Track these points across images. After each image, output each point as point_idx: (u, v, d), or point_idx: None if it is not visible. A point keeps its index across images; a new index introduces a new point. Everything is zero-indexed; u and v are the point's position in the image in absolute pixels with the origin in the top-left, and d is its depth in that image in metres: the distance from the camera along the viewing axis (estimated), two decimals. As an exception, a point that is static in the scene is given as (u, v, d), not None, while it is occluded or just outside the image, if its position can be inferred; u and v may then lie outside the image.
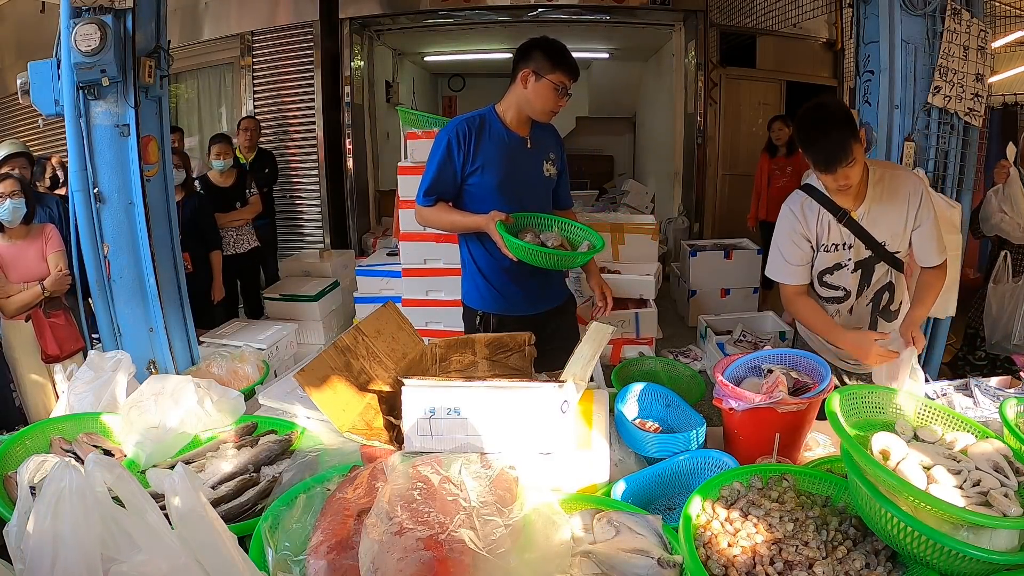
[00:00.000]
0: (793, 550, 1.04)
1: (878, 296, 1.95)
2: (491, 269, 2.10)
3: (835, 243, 1.88)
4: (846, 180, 1.72)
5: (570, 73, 1.98)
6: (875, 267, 1.90)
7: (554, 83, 1.97)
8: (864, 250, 1.87)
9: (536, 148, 2.10)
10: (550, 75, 1.96)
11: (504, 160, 2.03)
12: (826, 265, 1.91)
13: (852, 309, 1.96)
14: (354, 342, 1.53)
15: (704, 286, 4.88)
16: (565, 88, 1.99)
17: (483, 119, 2.06)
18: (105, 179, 2.25)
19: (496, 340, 1.73)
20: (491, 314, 2.14)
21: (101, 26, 2.12)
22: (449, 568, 0.94)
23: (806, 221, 1.89)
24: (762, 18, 5.90)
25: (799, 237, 1.90)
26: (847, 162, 1.68)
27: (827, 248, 1.89)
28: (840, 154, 1.67)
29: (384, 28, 6.12)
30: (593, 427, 1.39)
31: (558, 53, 1.98)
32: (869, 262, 1.89)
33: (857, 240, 1.86)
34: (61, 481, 0.91)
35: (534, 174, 2.11)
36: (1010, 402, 1.25)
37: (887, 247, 1.87)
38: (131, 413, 1.50)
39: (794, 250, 1.91)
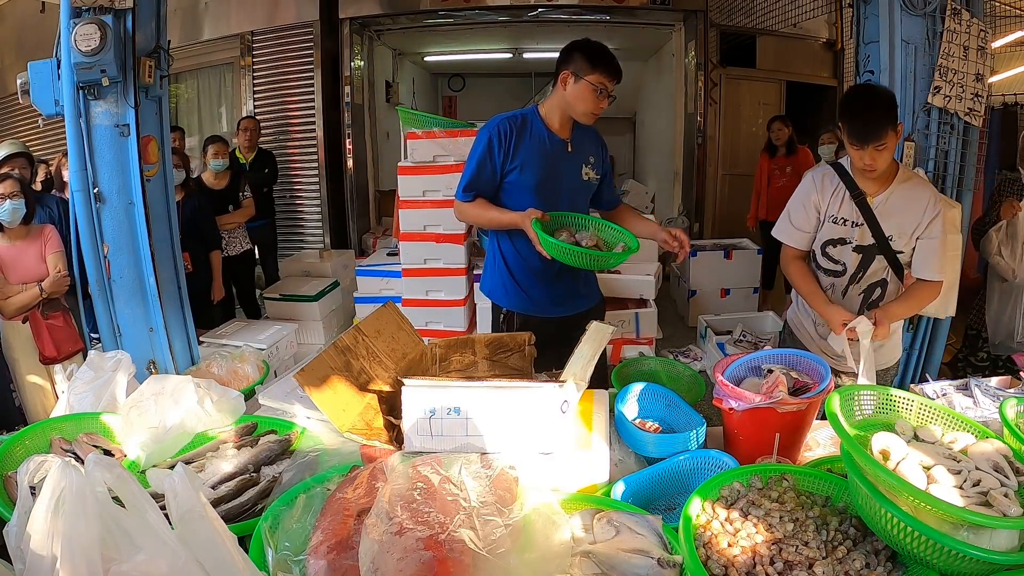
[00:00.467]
0: (793, 550, 1.04)
1: (871, 289, 1.99)
2: (519, 268, 2.12)
3: (844, 217, 1.94)
4: (872, 162, 1.80)
5: (609, 73, 1.96)
6: (875, 257, 1.94)
7: (593, 84, 1.96)
8: (869, 236, 1.92)
9: (576, 151, 2.10)
10: (589, 76, 1.95)
11: (542, 161, 2.04)
12: (830, 236, 1.98)
13: (845, 292, 2.01)
14: (354, 342, 1.53)
15: (704, 286, 4.88)
16: (605, 89, 1.97)
17: (525, 119, 2.07)
18: (105, 179, 2.25)
19: (496, 340, 1.73)
20: (515, 313, 2.16)
21: (101, 26, 2.12)
22: (449, 568, 0.94)
23: (822, 190, 1.97)
24: (762, 18, 5.90)
25: (810, 204, 1.99)
26: (879, 143, 1.76)
27: (834, 220, 1.96)
28: (875, 131, 1.75)
29: (384, 28, 6.12)
30: (593, 427, 1.39)
31: (597, 54, 1.97)
32: (871, 250, 1.93)
33: (865, 224, 1.91)
34: (61, 481, 0.91)
35: (572, 177, 2.10)
36: (1010, 402, 1.25)
37: (892, 242, 1.91)
38: (131, 413, 1.50)
39: (801, 214, 2.01)
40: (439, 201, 3.34)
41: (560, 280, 2.11)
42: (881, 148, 1.77)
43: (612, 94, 2.01)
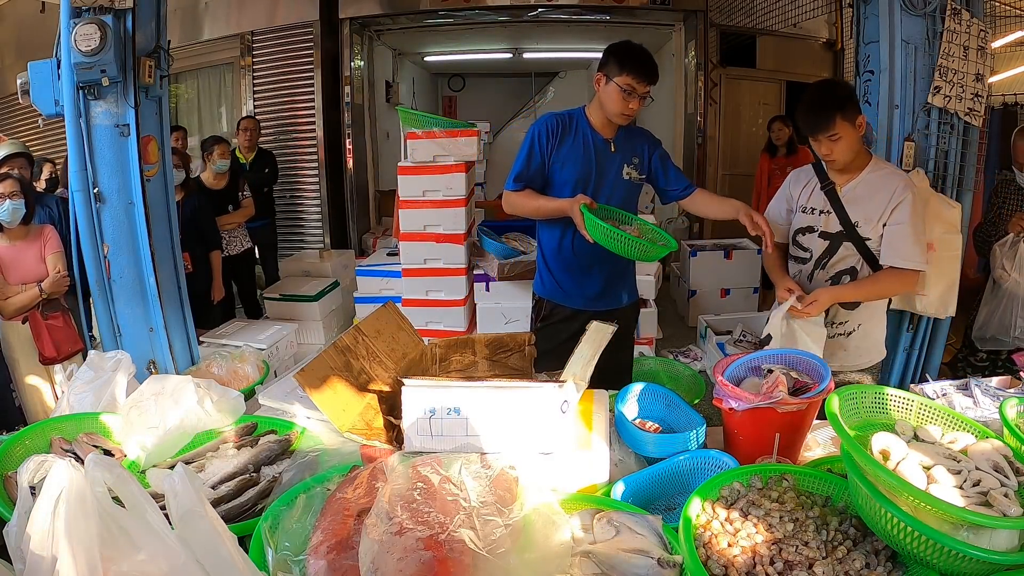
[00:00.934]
0: (793, 550, 1.04)
1: (839, 276, 2.01)
2: (553, 257, 2.21)
3: (813, 207, 2.02)
4: (829, 152, 1.87)
5: (637, 75, 2.00)
6: (841, 244, 1.98)
7: (620, 86, 2.00)
8: (836, 223, 1.97)
9: (619, 151, 2.15)
10: (617, 78, 2.00)
11: (584, 158, 2.11)
12: (800, 225, 2.07)
13: (811, 277, 2.05)
14: (354, 342, 1.53)
15: (704, 286, 4.88)
16: (633, 90, 2.01)
17: (572, 117, 2.15)
18: (105, 179, 2.25)
19: (496, 340, 1.73)
20: (545, 300, 2.26)
21: (101, 26, 2.12)
22: (449, 568, 0.94)
23: (796, 184, 2.09)
24: (762, 18, 5.90)
25: (784, 196, 2.12)
26: (829, 133, 1.83)
27: (804, 209, 2.05)
28: (820, 122, 1.83)
29: (384, 28, 6.12)
30: (593, 427, 1.39)
31: (626, 55, 2.02)
32: (837, 237, 1.98)
33: (832, 212, 1.97)
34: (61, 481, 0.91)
35: (613, 175, 2.15)
36: (1010, 402, 1.25)
37: (858, 229, 1.95)
38: (131, 413, 1.50)
39: (777, 206, 2.15)
40: (439, 201, 3.34)
41: (591, 274, 2.18)
42: (835, 138, 1.84)
43: (646, 95, 2.05)
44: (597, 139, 2.13)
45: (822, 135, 1.85)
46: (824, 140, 1.86)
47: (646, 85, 2.03)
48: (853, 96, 1.91)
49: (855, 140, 1.88)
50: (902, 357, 2.51)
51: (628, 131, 2.18)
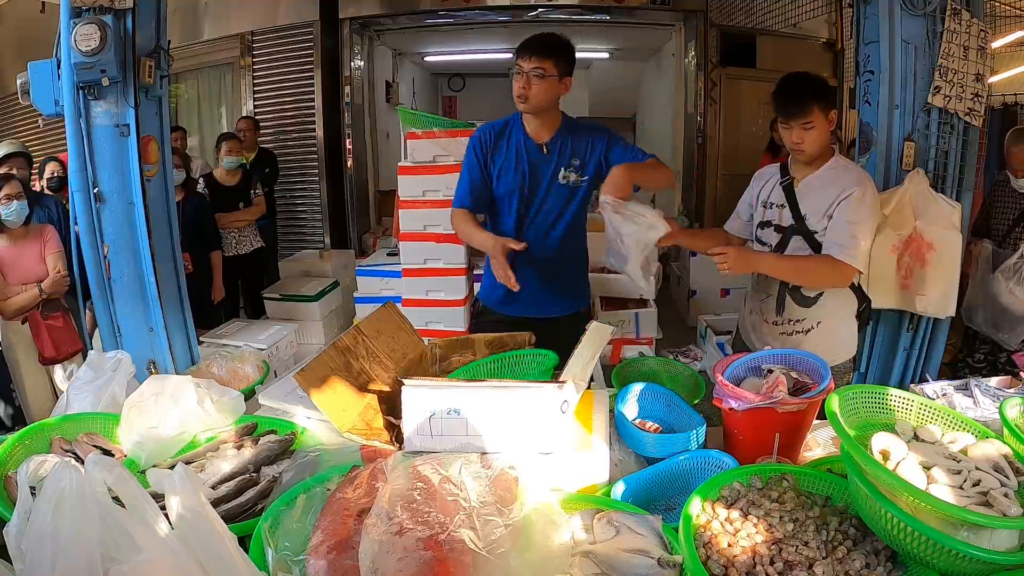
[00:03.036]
0: (793, 550, 1.04)
1: None
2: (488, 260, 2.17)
3: (772, 201, 2.04)
4: (799, 140, 1.87)
5: (517, 53, 1.97)
6: (791, 237, 1.98)
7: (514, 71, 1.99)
8: (789, 217, 1.98)
9: (555, 154, 2.07)
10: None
11: (516, 168, 2.05)
12: (761, 219, 2.09)
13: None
14: (354, 342, 1.53)
15: (704, 286, 4.89)
16: (520, 68, 1.98)
17: (507, 125, 2.10)
18: (105, 179, 2.25)
19: (496, 340, 1.73)
20: (480, 302, 2.26)
21: (101, 26, 2.12)
22: (449, 568, 0.94)
23: (759, 180, 2.13)
24: (762, 18, 5.90)
25: (748, 193, 2.17)
26: (804, 120, 1.83)
27: (764, 204, 2.08)
28: (797, 106, 1.83)
29: (384, 28, 6.11)
30: (593, 427, 1.39)
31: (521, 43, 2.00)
32: (788, 230, 1.99)
33: (787, 206, 1.98)
34: (61, 481, 0.91)
35: (547, 181, 2.08)
36: (1010, 402, 1.25)
37: (807, 222, 1.94)
38: (131, 413, 1.50)
39: (742, 201, 2.20)
40: (439, 201, 3.34)
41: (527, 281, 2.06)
42: (808, 127, 1.84)
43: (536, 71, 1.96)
44: (530, 145, 2.07)
45: (795, 122, 1.85)
46: (796, 127, 1.85)
47: (527, 59, 1.96)
48: (830, 89, 1.94)
49: (825, 132, 1.88)
50: (902, 357, 2.51)
51: (569, 131, 2.09)
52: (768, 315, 2.10)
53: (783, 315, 2.05)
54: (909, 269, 2.19)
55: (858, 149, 2.54)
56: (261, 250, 4.33)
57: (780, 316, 2.05)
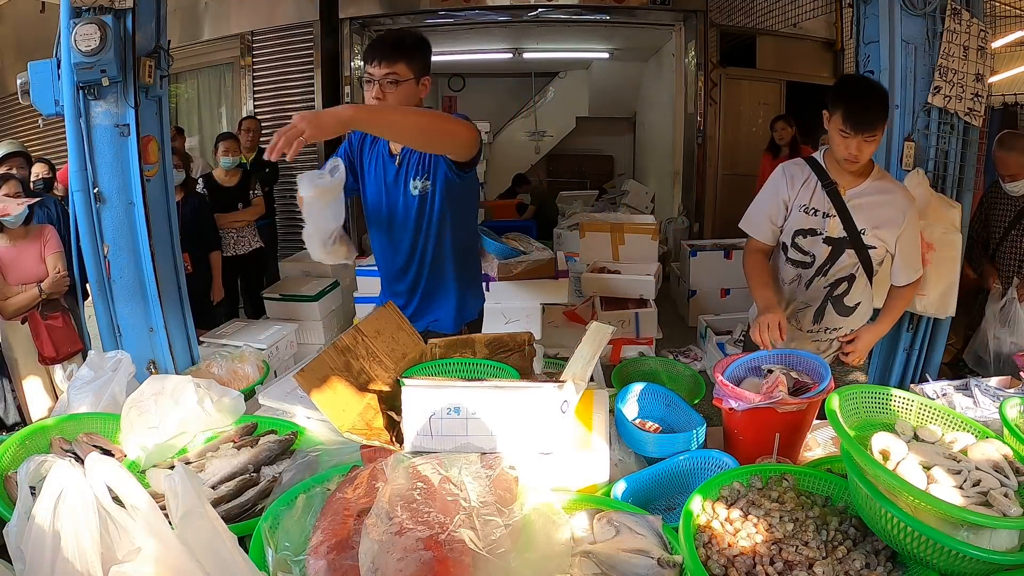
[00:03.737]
0: (793, 550, 1.04)
1: (837, 283, 1.96)
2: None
3: (815, 208, 1.92)
4: (858, 152, 1.77)
5: (368, 57, 1.77)
6: (845, 251, 1.92)
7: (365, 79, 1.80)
8: (840, 228, 1.90)
9: (404, 163, 1.89)
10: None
11: (375, 183, 1.92)
12: (801, 226, 1.94)
13: (810, 283, 1.98)
14: (354, 342, 1.53)
15: (704, 286, 4.88)
16: (371, 77, 1.77)
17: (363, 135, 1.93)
18: (105, 179, 2.25)
19: (496, 340, 1.73)
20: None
21: (101, 26, 2.12)
22: (449, 568, 0.94)
23: (791, 182, 1.95)
24: (762, 18, 5.90)
25: (778, 197, 1.96)
26: (871, 133, 1.75)
27: (805, 209, 1.93)
28: (872, 120, 1.74)
29: (384, 28, 6.11)
30: (593, 427, 1.39)
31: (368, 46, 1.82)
32: (841, 243, 1.91)
33: (837, 216, 1.89)
34: (61, 481, 0.91)
35: (399, 193, 1.91)
36: (1010, 402, 1.25)
37: (863, 236, 1.89)
38: (131, 413, 1.50)
39: (769, 206, 1.98)
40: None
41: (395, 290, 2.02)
42: (871, 140, 1.77)
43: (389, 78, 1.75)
44: (385, 155, 1.90)
45: (867, 134, 1.75)
46: (859, 140, 1.76)
47: (377, 66, 1.75)
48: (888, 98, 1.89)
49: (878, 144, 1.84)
50: (902, 357, 2.51)
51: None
52: (803, 323, 2.02)
53: (820, 323, 2.00)
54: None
55: (858, 149, 2.54)
56: (260, 250, 4.33)
57: (817, 325, 2.00)
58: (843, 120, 1.76)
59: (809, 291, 1.98)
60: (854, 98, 1.76)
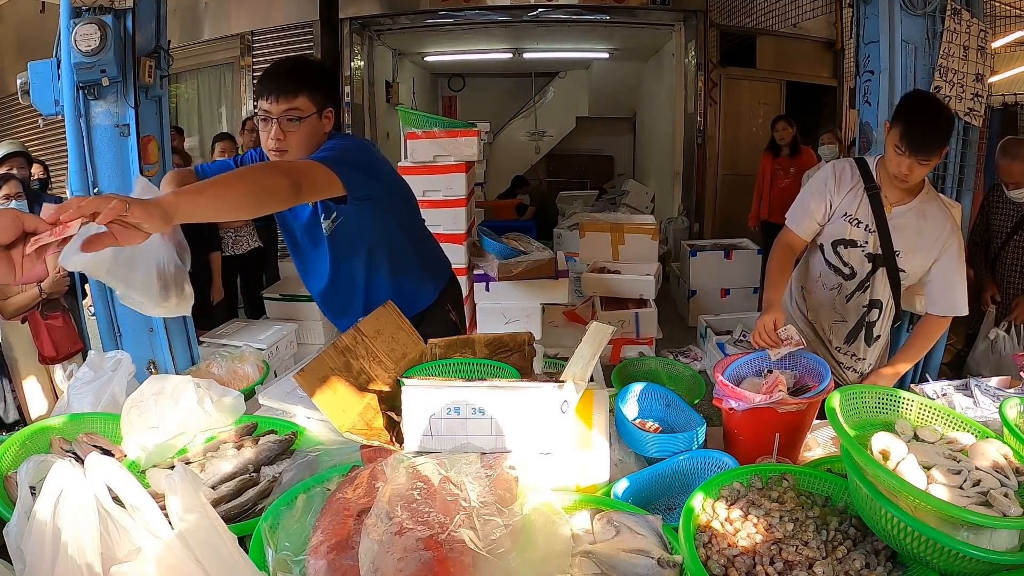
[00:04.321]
0: (793, 550, 1.04)
1: (871, 307, 1.92)
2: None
3: (859, 219, 1.85)
4: (910, 172, 1.71)
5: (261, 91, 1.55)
6: (879, 268, 1.87)
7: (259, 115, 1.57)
8: (877, 245, 1.84)
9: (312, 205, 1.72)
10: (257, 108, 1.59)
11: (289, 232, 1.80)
12: (842, 235, 1.88)
13: (850, 297, 1.92)
14: (353, 342, 1.52)
15: (704, 286, 4.89)
16: (267, 114, 1.56)
17: None
18: (105, 179, 2.25)
19: (496, 340, 1.73)
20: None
21: (101, 26, 2.12)
22: (449, 568, 0.94)
23: (839, 183, 1.86)
24: (762, 18, 5.91)
25: (825, 194, 1.87)
26: (926, 157, 1.69)
27: (849, 219, 1.85)
28: (933, 145, 1.68)
29: (384, 28, 6.12)
30: (593, 427, 1.39)
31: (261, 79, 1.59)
32: (876, 260, 1.86)
33: (876, 232, 1.83)
34: (61, 481, 0.91)
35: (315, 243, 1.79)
36: (1010, 402, 1.25)
37: (898, 258, 1.83)
38: (131, 413, 1.50)
39: (812, 201, 1.88)
40: (439, 201, 3.34)
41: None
42: (925, 163, 1.70)
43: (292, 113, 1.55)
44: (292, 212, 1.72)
45: (922, 157, 1.68)
46: (915, 161, 1.68)
47: (273, 102, 1.54)
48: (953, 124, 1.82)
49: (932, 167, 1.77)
50: (902, 357, 2.51)
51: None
52: (835, 339, 1.98)
53: (851, 346, 1.96)
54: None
55: (858, 149, 2.55)
56: (259, 249, 4.33)
57: (847, 346, 1.96)
58: (900, 138, 1.69)
59: (849, 305, 1.93)
60: (916, 118, 1.70)
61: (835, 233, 1.89)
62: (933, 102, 1.81)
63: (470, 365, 1.59)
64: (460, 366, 1.59)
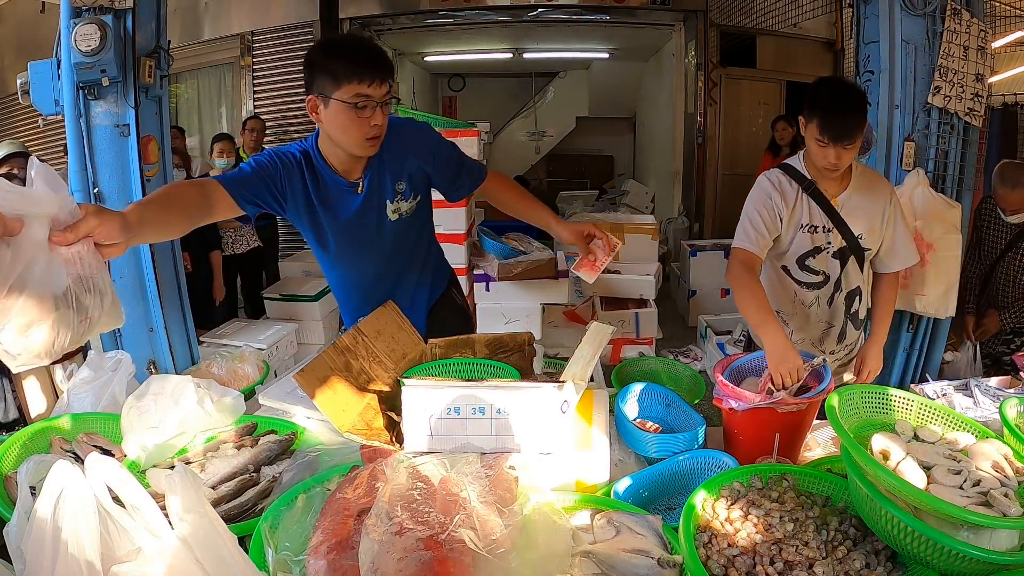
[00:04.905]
0: (793, 550, 1.04)
1: (851, 297, 1.92)
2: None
3: (815, 225, 1.82)
4: (838, 160, 1.70)
5: (362, 75, 1.41)
6: (849, 259, 1.86)
7: (346, 102, 1.42)
8: (841, 239, 1.83)
9: (373, 189, 1.62)
10: (337, 93, 1.42)
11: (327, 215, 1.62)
12: (806, 248, 1.85)
13: (832, 300, 1.90)
14: (353, 342, 1.52)
15: (704, 286, 4.89)
16: (368, 99, 1.43)
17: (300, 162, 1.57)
18: (105, 179, 2.25)
19: (496, 340, 1.73)
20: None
21: (101, 26, 2.12)
22: (449, 568, 0.94)
23: (783, 194, 1.81)
24: (762, 18, 5.91)
25: (772, 208, 1.80)
26: (850, 141, 1.67)
27: (807, 228, 1.83)
28: (851, 128, 1.66)
29: (384, 28, 6.12)
30: (593, 427, 1.39)
31: (338, 58, 1.43)
32: (845, 253, 1.85)
33: (835, 229, 1.82)
34: (61, 481, 0.91)
35: (372, 225, 1.67)
36: (1010, 402, 1.25)
37: (861, 241, 1.83)
38: (131, 413, 1.50)
39: (765, 217, 1.79)
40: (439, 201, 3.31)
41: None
42: (849, 147, 1.68)
43: (387, 99, 1.46)
44: (336, 186, 1.58)
45: (846, 143, 1.66)
46: (840, 148, 1.67)
47: (379, 85, 1.43)
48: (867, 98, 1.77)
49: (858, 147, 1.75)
50: (902, 357, 2.51)
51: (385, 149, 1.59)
52: (828, 343, 1.96)
53: (843, 343, 1.96)
54: (909, 269, 2.19)
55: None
56: (259, 249, 4.33)
57: (839, 344, 1.96)
58: (819, 130, 1.68)
59: (832, 309, 1.92)
60: (829, 106, 1.68)
61: (799, 248, 1.86)
62: (840, 85, 1.77)
63: (470, 365, 1.59)
64: (460, 366, 1.59)
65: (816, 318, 1.93)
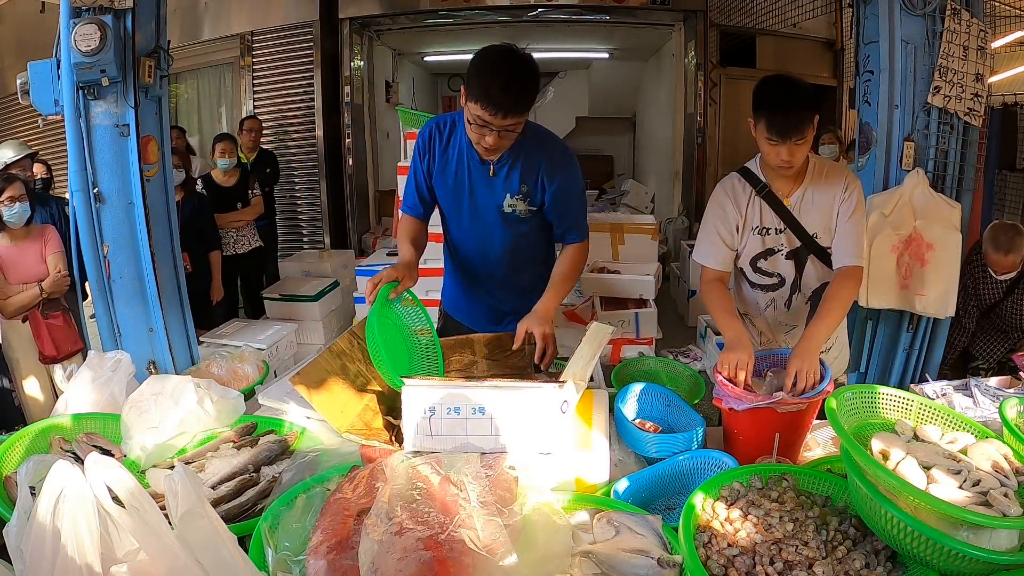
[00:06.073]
0: (793, 550, 1.04)
1: (816, 295, 1.85)
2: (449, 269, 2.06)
3: (766, 227, 1.80)
4: (789, 158, 1.65)
5: (485, 105, 1.53)
6: (807, 259, 1.81)
7: (469, 113, 1.58)
8: (795, 239, 1.79)
9: (501, 176, 1.72)
10: (468, 102, 1.58)
11: (455, 181, 1.74)
12: (758, 250, 1.82)
13: (789, 303, 1.87)
14: (349, 346, 1.53)
15: (704, 286, 4.87)
16: (486, 124, 1.55)
17: (453, 124, 1.75)
18: (105, 179, 2.25)
19: (495, 340, 1.73)
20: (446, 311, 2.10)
21: (101, 26, 2.12)
22: (449, 568, 0.94)
23: (736, 203, 1.80)
24: (762, 18, 5.90)
25: (727, 218, 1.80)
26: (800, 137, 1.62)
27: (758, 231, 1.81)
28: (797, 125, 1.61)
29: (384, 28, 6.11)
30: (593, 427, 1.39)
31: (479, 76, 1.56)
32: (801, 253, 1.81)
33: (788, 229, 1.78)
34: (61, 481, 0.91)
35: (488, 207, 1.76)
36: (1010, 402, 1.25)
37: (818, 240, 1.78)
38: (131, 413, 1.50)
39: (721, 230, 1.81)
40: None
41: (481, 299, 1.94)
42: (800, 143, 1.63)
43: (507, 129, 1.57)
44: (472, 159, 1.71)
45: (795, 139, 1.62)
46: (789, 145, 1.63)
47: (501, 117, 1.53)
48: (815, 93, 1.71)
49: (812, 140, 1.68)
50: (902, 357, 2.51)
51: (523, 147, 1.70)
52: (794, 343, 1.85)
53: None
54: (909, 269, 2.19)
55: (858, 149, 2.55)
56: (259, 250, 4.33)
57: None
58: (768, 129, 1.64)
59: (792, 311, 1.88)
60: (775, 104, 1.64)
61: (751, 251, 1.84)
62: (784, 81, 1.70)
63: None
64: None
65: (774, 320, 1.90)
